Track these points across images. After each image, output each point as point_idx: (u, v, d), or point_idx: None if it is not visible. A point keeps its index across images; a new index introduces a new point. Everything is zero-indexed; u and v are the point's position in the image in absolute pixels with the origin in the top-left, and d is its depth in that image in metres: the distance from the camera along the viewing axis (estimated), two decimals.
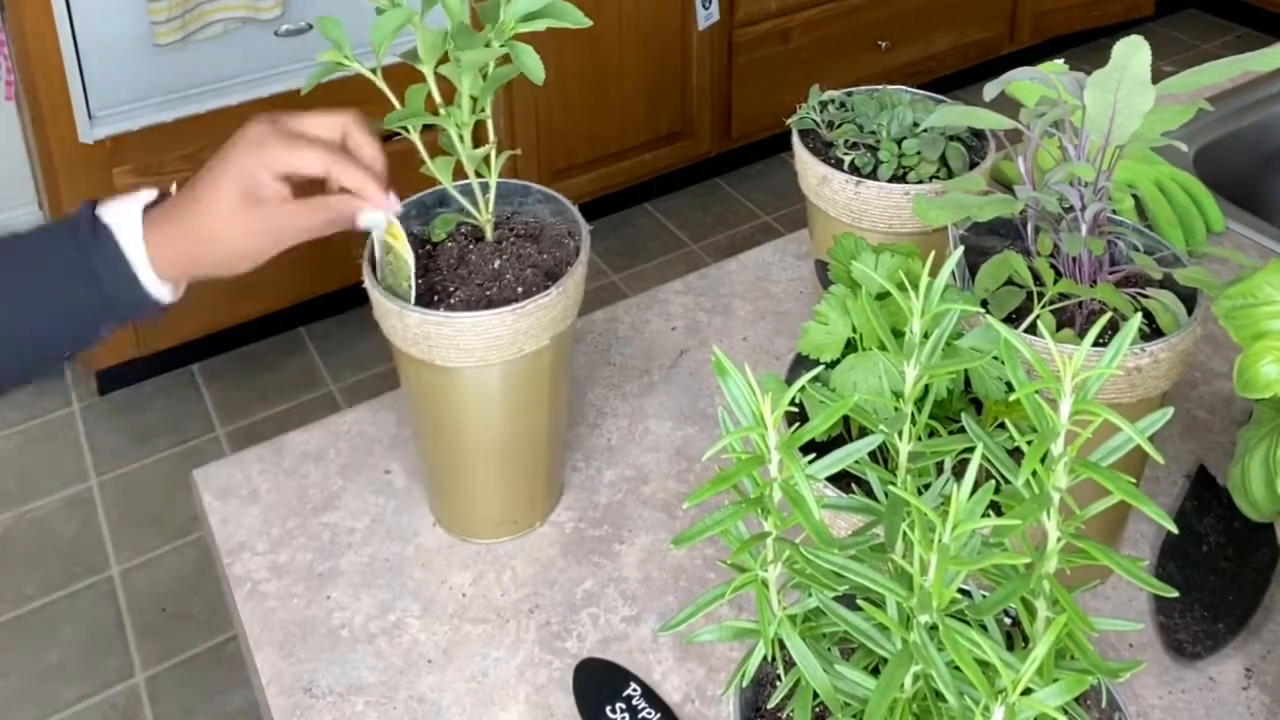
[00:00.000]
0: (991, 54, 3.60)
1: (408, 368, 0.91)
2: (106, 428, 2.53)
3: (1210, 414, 1.09)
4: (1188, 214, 1.29)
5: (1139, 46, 0.77)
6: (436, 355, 0.86)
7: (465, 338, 0.85)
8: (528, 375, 0.90)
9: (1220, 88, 1.54)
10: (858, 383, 0.78)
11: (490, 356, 0.86)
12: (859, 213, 1.02)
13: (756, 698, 0.66)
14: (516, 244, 0.93)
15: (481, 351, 0.86)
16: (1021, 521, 0.55)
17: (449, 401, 0.90)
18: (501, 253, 0.92)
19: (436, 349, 0.86)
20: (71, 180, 2.29)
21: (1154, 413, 0.60)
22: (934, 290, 0.65)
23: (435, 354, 0.86)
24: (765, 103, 3.16)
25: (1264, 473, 0.83)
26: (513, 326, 0.86)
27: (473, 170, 0.91)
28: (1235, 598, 0.90)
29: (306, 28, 2.40)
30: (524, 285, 0.89)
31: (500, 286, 0.89)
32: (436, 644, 0.90)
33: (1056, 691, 0.52)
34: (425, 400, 0.92)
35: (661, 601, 0.93)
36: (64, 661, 2.06)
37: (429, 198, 0.96)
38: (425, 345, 0.86)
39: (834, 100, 1.11)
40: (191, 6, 2.24)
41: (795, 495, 0.57)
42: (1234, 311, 0.79)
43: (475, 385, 0.89)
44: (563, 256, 0.92)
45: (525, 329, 0.86)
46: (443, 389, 0.90)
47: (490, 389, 0.89)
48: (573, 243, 0.93)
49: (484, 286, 0.89)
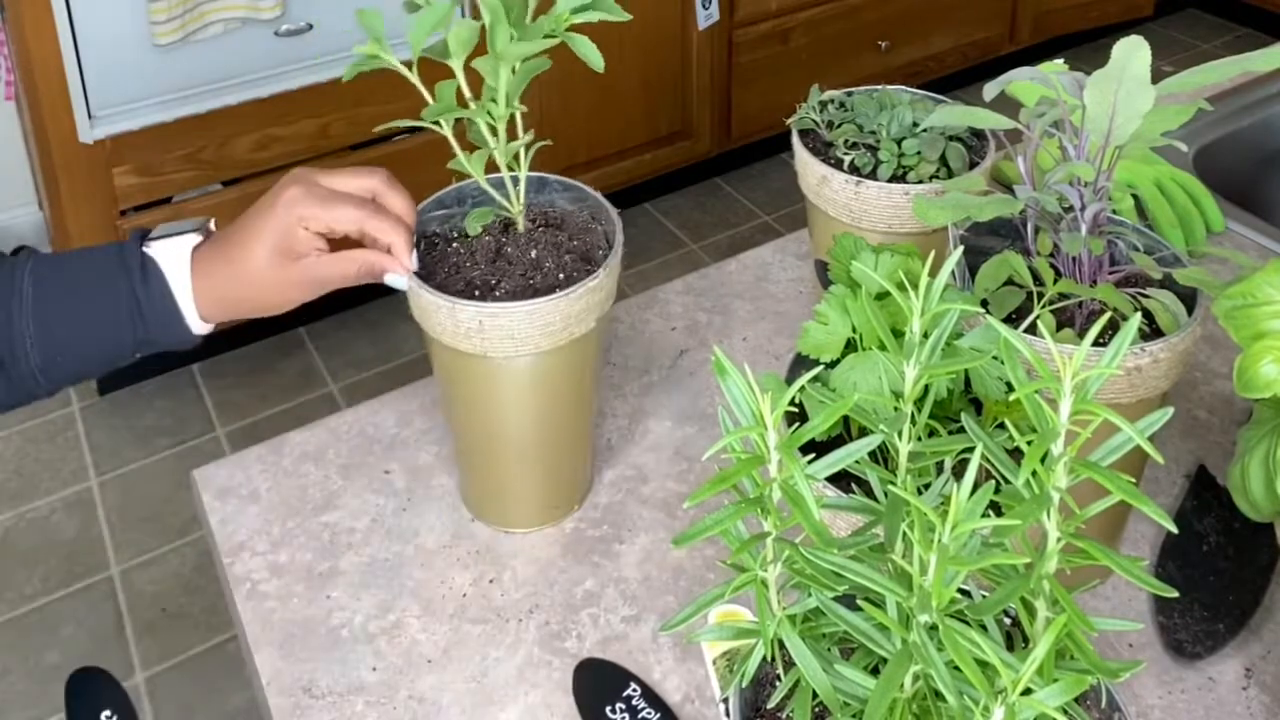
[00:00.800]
0: (991, 54, 3.60)
1: (453, 364, 0.91)
2: (106, 428, 2.53)
3: (1210, 414, 1.09)
4: (1188, 214, 1.29)
5: (1139, 46, 0.77)
6: (490, 347, 0.87)
7: (520, 326, 0.86)
8: (575, 359, 0.91)
9: (1220, 88, 1.54)
10: (858, 383, 0.78)
11: (544, 343, 0.87)
12: (859, 213, 1.02)
13: (756, 698, 0.66)
14: (547, 233, 0.94)
15: (536, 339, 0.87)
16: (1021, 522, 0.55)
17: (501, 394, 0.91)
18: (536, 242, 0.93)
19: (490, 341, 0.86)
20: (71, 180, 2.29)
21: (1154, 412, 0.60)
22: (934, 290, 0.65)
23: (489, 346, 0.87)
24: (765, 103, 3.16)
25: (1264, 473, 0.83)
26: (565, 311, 0.87)
27: (504, 163, 0.91)
28: (1235, 598, 0.90)
29: (306, 28, 2.40)
30: (564, 271, 0.90)
31: (543, 274, 0.90)
32: (436, 644, 0.90)
33: (1056, 691, 0.52)
34: (474, 395, 0.92)
35: (661, 601, 0.93)
36: (64, 661, 2.06)
37: (447, 197, 0.97)
38: (479, 339, 0.86)
39: (834, 100, 1.11)
40: (191, 6, 2.24)
41: (795, 495, 0.57)
42: (1234, 311, 0.79)
43: (529, 374, 0.89)
44: (593, 241, 0.94)
45: (576, 313, 0.88)
46: (495, 381, 0.90)
47: (543, 376, 0.90)
48: (599, 227, 0.95)
49: (527, 276, 0.90)
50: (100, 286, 0.85)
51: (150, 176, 2.37)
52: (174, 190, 2.42)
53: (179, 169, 2.39)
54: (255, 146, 2.46)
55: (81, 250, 0.88)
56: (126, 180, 2.34)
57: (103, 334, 0.85)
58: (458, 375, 0.92)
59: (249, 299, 0.87)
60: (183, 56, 2.30)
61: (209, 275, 0.86)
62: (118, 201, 2.35)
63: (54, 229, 2.49)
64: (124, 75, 2.26)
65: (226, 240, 0.87)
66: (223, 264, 0.86)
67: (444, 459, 1.06)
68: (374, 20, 0.86)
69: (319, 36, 2.42)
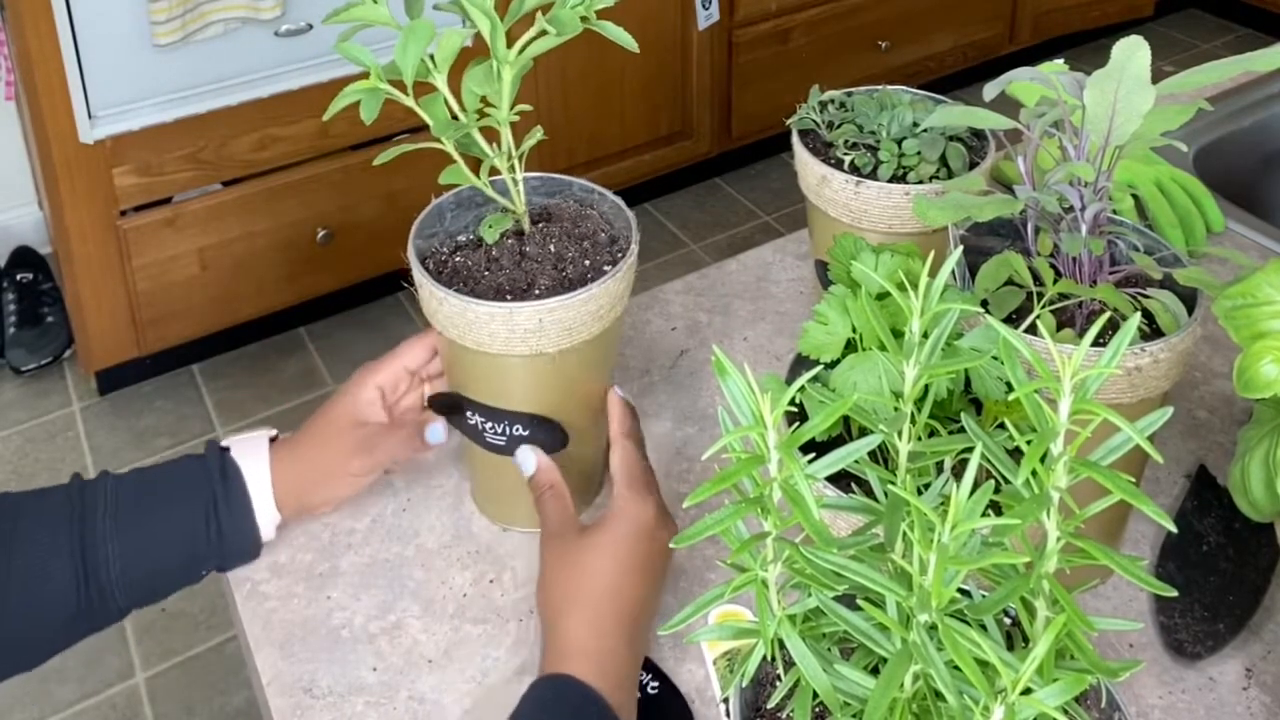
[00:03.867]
0: (991, 54, 3.60)
1: (502, 366, 0.89)
2: (106, 428, 2.53)
3: (1210, 414, 1.09)
4: (1188, 214, 1.29)
5: (1139, 47, 0.78)
6: (547, 343, 0.87)
7: (576, 316, 0.87)
8: (611, 342, 0.93)
9: (1220, 88, 1.54)
10: (857, 383, 0.78)
11: (595, 328, 0.89)
12: (859, 213, 1.02)
13: (756, 698, 0.66)
14: (553, 226, 0.95)
15: (589, 325, 0.88)
16: (1021, 521, 0.55)
17: (552, 386, 0.91)
18: (550, 237, 0.93)
19: (548, 337, 0.87)
20: (71, 180, 2.29)
21: (1153, 412, 0.60)
22: (934, 290, 0.65)
23: (546, 343, 0.87)
24: (765, 103, 3.16)
25: (1264, 473, 0.83)
26: (612, 292, 0.88)
27: (507, 167, 0.91)
28: (1235, 598, 0.90)
29: (306, 28, 2.40)
30: (588, 259, 0.91)
31: (571, 265, 0.91)
32: (436, 644, 0.90)
33: (1056, 691, 0.52)
34: (521, 393, 0.91)
35: (661, 601, 0.93)
36: (64, 661, 2.06)
37: (428, 217, 0.96)
38: (537, 338, 0.87)
39: (834, 100, 1.11)
40: (191, 6, 2.24)
41: (795, 495, 0.57)
42: (1234, 311, 0.79)
43: (579, 362, 0.90)
44: (596, 227, 0.95)
45: (620, 292, 0.90)
46: (545, 376, 0.90)
47: (591, 361, 0.91)
48: (593, 211, 0.96)
49: (558, 269, 0.91)
50: (183, 489, 0.89)
51: (150, 176, 2.37)
52: (174, 190, 2.42)
53: (179, 169, 2.39)
54: (255, 146, 2.46)
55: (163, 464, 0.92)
56: (126, 180, 2.34)
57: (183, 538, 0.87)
58: (504, 375, 0.90)
59: (319, 482, 0.92)
60: (183, 56, 2.30)
61: (287, 462, 0.91)
62: (118, 201, 2.36)
63: (54, 229, 2.50)
64: (124, 75, 2.26)
65: (301, 431, 0.94)
66: (297, 447, 0.93)
67: (444, 459, 1.06)
68: (361, 53, 0.85)
69: (319, 36, 2.42)
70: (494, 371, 0.90)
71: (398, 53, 0.83)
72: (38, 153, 2.40)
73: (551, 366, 0.89)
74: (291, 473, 0.91)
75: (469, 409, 0.93)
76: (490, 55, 0.87)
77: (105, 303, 2.43)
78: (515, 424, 0.92)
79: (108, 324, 2.46)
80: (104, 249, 2.38)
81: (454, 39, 0.84)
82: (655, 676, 0.86)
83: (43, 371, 2.67)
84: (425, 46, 0.83)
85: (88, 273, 2.38)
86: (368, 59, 0.84)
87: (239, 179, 2.48)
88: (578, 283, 0.88)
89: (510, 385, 0.91)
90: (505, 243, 0.93)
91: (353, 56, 0.85)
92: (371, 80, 0.84)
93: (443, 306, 0.87)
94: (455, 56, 0.86)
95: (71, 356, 2.70)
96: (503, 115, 0.88)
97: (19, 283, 2.76)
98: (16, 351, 2.65)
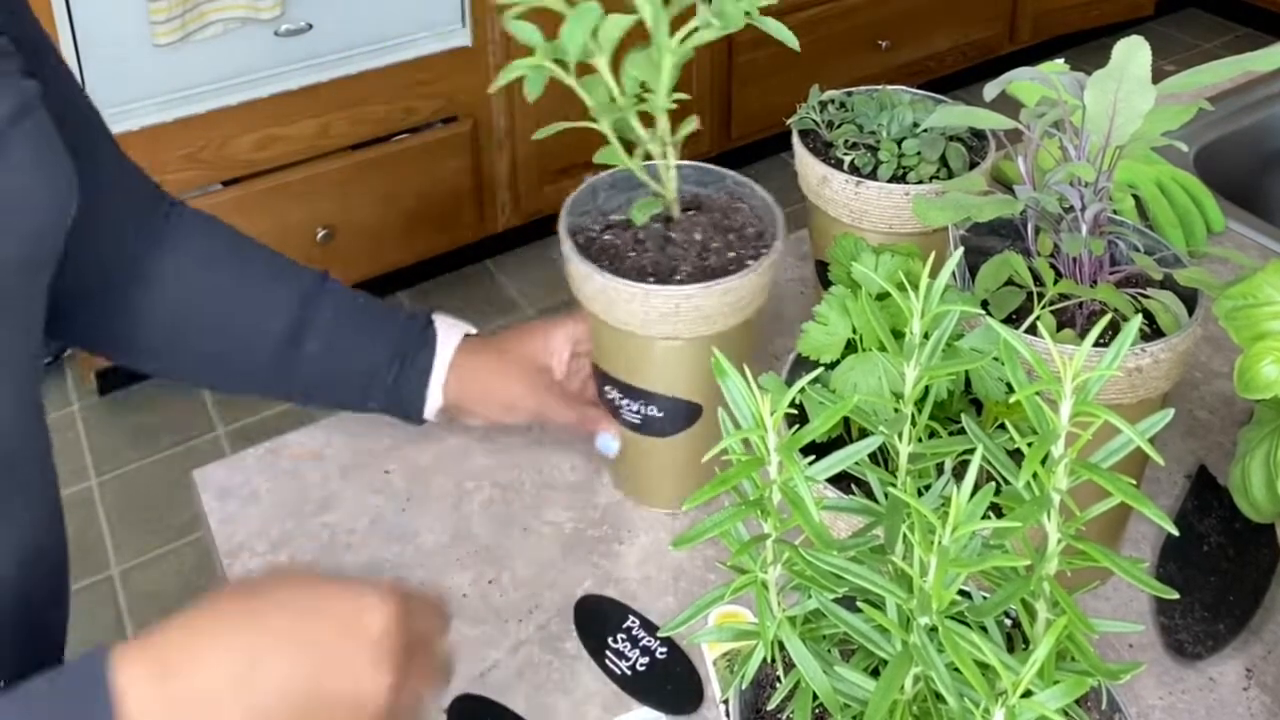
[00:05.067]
0: (991, 54, 3.59)
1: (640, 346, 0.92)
2: (106, 428, 2.53)
3: (1211, 414, 1.09)
4: (1188, 214, 1.29)
5: (1139, 47, 0.77)
6: (684, 329, 0.90)
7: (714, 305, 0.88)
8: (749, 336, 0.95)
9: (1220, 88, 1.54)
10: (857, 384, 0.78)
11: (732, 320, 0.91)
12: (859, 213, 1.02)
13: (756, 699, 0.66)
14: (701, 216, 0.96)
15: (726, 316, 0.90)
16: (1022, 523, 0.55)
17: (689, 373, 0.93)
18: (697, 226, 0.95)
19: (685, 322, 0.89)
20: None
21: (1154, 414, 0.60)
22: (934, 291, 0.64)
23: (682, 328, 0.89)
24: (765, 103, 3.16)
25: (1264, 473, 0.83)
26: (752, 286, 0.90)
27: (660, 153, 0.93)
28: (1236, 598, 0.90)
29: (306, 27, 2.40)
30: (733, 250, 0.93)
31: (715, 255, 0.92)
32: None
33: (1057, 693, 0.52)
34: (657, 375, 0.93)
35: (661, 602, 0.92)
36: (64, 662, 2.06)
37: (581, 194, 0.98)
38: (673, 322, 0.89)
39: (834, 100, 1.11)
40: (191, 6, 2.24)
41: (795, 497, 0.57)
42: (1234, 312, 0.79)
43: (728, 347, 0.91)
44: (743, 219, 0.96)
45: (762, 286, 0.91)
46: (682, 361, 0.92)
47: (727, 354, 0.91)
48: (744, 205, 0.98)
49: (701, 258, 0.92)
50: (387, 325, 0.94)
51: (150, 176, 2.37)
52: (174, 190, 2.40)
53: (179, 169, 2.39)
54: (255, 146, 2.46)
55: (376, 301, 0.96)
56: None
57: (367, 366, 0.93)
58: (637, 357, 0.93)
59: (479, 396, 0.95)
60: (182, 56, 2.30)
61: (466, 363, 0.94)
62: None
63: None
64: (124, 75, 2.26)
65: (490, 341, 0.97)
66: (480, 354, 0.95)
67: (444, 459, 1.06)
68: (530, 31, 0.87)
69: (319, 36, 2.42)
70: (632, 350, 0.93)
71: (564, 33, 0.86)
72: None
73: (688, 352, 0.91)
74: (464, 372, 0.94)
75: (608, 384, 0.95)
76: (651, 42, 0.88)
77: None
78: (651, 404, 0.94)
79: None
80: None
81: (617, 24, 0.86)
82: (664, 643, 0.88)
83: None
84: (590, 28, 0.85)
85: None
86: (535, 37, 0.87)
87: (239, 179, 2.48)
88: (719, 272, 0.90)
89: (647, 366, 0.93)
90: (652, 226, 0.95)
91: (522, 34, 0.87)
92: (537, 57, 0.87)
93: (587, 283, 0.91)
94: (618, 41, 0.88)
95: (71, 356, 2.70)
96: (660, 102, 0.90)
97: None
98: None
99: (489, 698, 0.85)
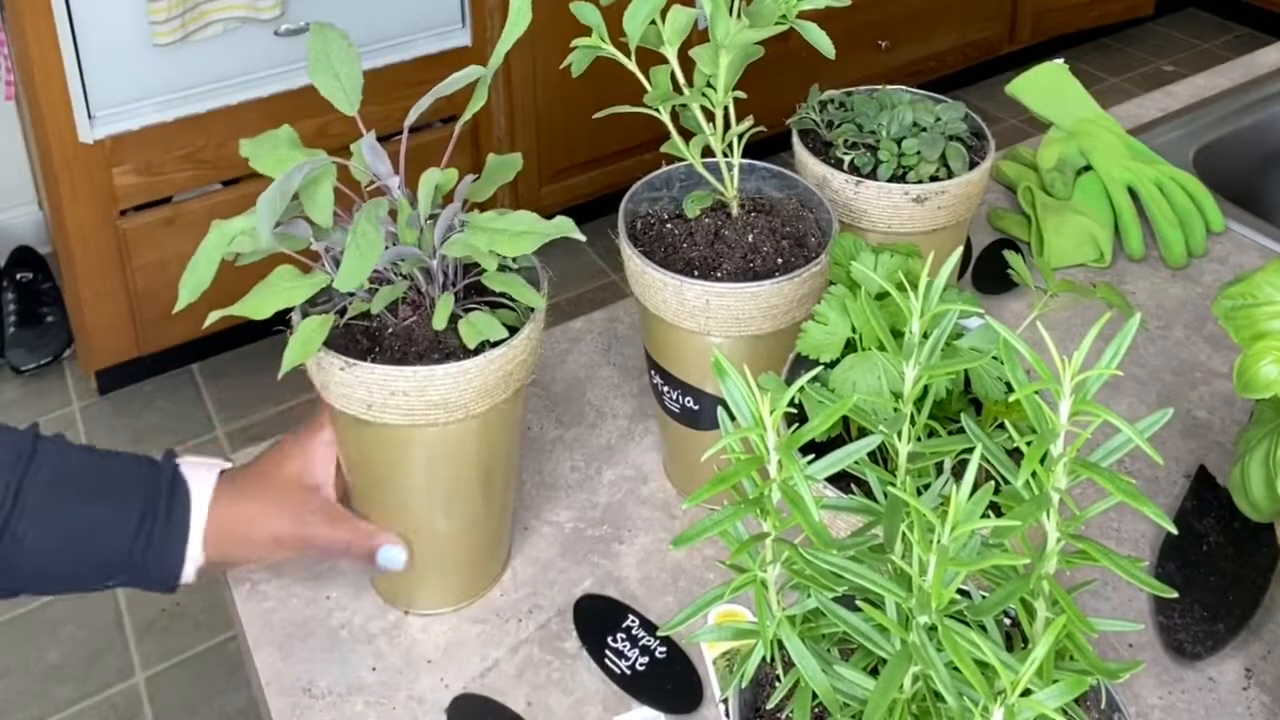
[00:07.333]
0: (991, 54, 3.59)
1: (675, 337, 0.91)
2: (106, 428, 2.53)
3: (1210, 414, 1.09)
4: (1188, 214, 1.29)
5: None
6: (714, 326, 0.89)
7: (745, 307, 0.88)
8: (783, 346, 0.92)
9: (1220, 88, 1.54)
10: (857, 383, 0.78)
11: (765, 325, 0.89)
12: (859, 213, 1.02)
13: (755, 698, 0.66)
14: (760, 218, 0.96)
15: (758, 321, 0.89)
16: (1021, 522, 0.55)
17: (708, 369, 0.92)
18: (751, 226, 0.95)
19: (715, 320, 0.88)
20: (71, 180, 2.29)
21: (1154, 414, 0.60)
22: (933, 290, 0.65)
23: (713, 325, 0.89)
24: (765, 103, 3.15)
25: (1264, 473, 0.83)
26: (788, 295, 0.89)
27: (720, 149, 0.93)
28: (1235, 598, 0.90)
29: (306, 27, 2.40)
30: (781, 256, 0.92)
31: (761, 258, 0.92)
32: (436, 644, 0.90)
33: (1056, 692, 0.52)
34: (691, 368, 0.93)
35: (661, 602, 0.93)
36: (64, 661, 2.06)
37: (657, 179, 0.99)
38: (704, 317, 0.89)
39: (834, 100, 1.11)
40: (191, 6, 2.24)
41: (794, 496, 0.57)
42: (1234, 311, 0.79)
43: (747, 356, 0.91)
44: (804, 228, 0.95)
45: (799, 297, 0.89)
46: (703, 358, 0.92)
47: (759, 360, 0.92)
48: (810, 214, 0.97)
49: (746, 259, 0.92)
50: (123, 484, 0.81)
51: (150, 176, 2.37)
52: (174, 190, 2.42)
53: (179, 169, 2.39)
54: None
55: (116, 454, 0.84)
56: (126, 180, 2.34)
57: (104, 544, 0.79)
58: (673, 346, 0.93)
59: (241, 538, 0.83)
60: (182, 56, 2.30)
61: (225, 503, 0.83)
62: (118, 201, 2.35)
63: (54, 229, 2.49)
64: (124, 75, 2.26)
65: (245, 471, 0.86)
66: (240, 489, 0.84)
67: None
68: (590, 12, 0.88)
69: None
70: (670, 339, 0.93)
71: (627, 17, 0.86)
72: (37, 153, 2.40)
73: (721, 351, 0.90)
74: (224, 520, 0.82)
75: (654, 368, 0.96)
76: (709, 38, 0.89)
77: (105, 302, 2.43)
78: (687, 395, 0.94)
79: (108, 324, 2.45)
80: (104, 249, 2.38)
81: (682, 16, 0.88)
82: (663, 643, 0.88)
83: (43, 371, 2.67)
84: (652, 14, 0.86)
85: (88, 272, 2.38)
86: (594, 17, 0.88)
87: (239, 179, 2.48)
88: (760, 275, 0.90)
89: (682, 357, 0.93)
90: (707, 221, 0.95)
91: (582, 15, 0.88)
92: (593, 39, 0.88)
93: (629, 264, 0.92)
94: (686, 33, 0.89)
95: (71, 356, 2.70)
96: (718, 98, 0.90)
97: (19, 282, 2.76)
98: (16, 351, 2.65)
99: (489, 697, 0.86)
